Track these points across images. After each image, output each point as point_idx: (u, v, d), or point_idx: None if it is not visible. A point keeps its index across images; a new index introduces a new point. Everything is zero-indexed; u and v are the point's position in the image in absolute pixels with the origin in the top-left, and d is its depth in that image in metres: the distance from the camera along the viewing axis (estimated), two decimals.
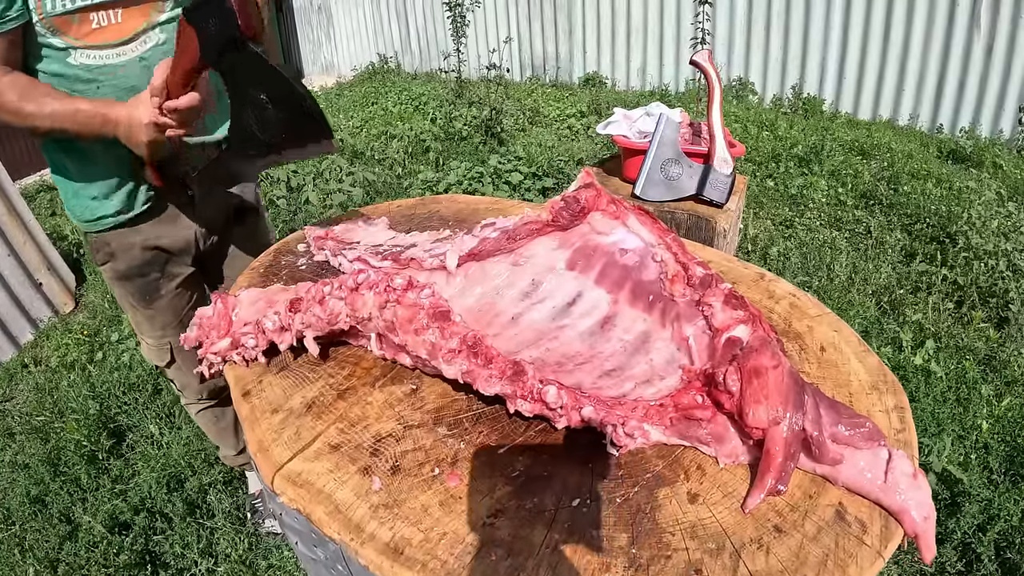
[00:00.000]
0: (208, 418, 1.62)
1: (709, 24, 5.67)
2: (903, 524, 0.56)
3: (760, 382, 0.57)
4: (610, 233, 0.83)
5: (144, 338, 1.46)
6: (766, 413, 0.55)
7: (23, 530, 1.85)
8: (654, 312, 0.69)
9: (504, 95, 5.49)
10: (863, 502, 0.58)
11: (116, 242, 1.29)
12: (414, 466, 0.61)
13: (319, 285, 0.75)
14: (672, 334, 0.67)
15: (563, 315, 0.72)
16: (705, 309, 0.66)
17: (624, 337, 0.68)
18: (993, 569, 1.56)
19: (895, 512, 0.56)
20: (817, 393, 0.60)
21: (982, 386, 2.08)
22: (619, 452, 0.60)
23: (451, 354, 0.60)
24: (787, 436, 0.55)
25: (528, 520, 0.53)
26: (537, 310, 0.72)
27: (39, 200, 4.90)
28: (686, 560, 0.50)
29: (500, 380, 0.59)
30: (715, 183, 1.66)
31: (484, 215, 1.16)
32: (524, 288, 0.74)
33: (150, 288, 1.36)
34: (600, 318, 0.70)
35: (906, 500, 0.56)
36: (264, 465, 0.65)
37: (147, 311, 1.39)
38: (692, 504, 0.55)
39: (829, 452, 0.57)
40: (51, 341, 2.94)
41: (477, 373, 0.60)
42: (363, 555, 0.53)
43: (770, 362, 0.57)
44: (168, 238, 1.32)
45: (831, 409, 0.59)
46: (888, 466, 0.58)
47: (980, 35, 4.55)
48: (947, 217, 3.16)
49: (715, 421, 0.58)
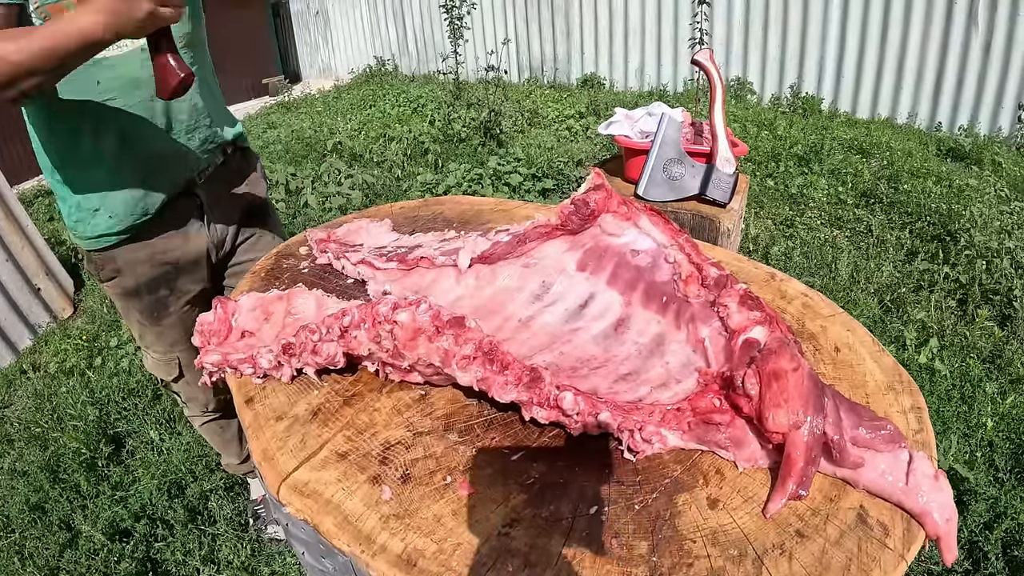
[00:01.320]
0: (213, 430, 1.58)
1: (707, 24, 5.68)
2: (925, 526, 0.55)
3: (780, 385, 0.55)
4: (621, 235, 0.82)
5: (149, 352, 1.38)
6: (786, 417, 0.54)
7: (23, 538, 1.83)
8: (668, 314, 0.68)
9: (502, 97, 5.48)
10: (884, 504, 0.56)
11: (123, 258, 1.21)
12: (425, 474, 0.59)
13: (307, 332, 0.70)
14: (687, 336, 0.66)
15: (576, 318, 0.70)
16: (721, 310, 0.65)
17: (639, 340, 0.67)
18: (1000, 567, 1.55)
19: (917, 514, 0.55)
20: (837, 396, 0.58)
21: (986, 384, 2.07)
22: (636, 458, 0.58)
23: (466, 361, 0.59)
24: (808, 440, 0.54)
25: (545, 529, 0.52)
26: (550, 312, 0.71)
27: (37, 205, 4.89)
28: (708, 568, 0.49)
29: (516, 387, 0.57)
30: (718, 182, 1.64)
31: (488, 216, 1.14)
32: (535, 290, 0.73)
33: (159, 305, 1.28)
34: (613, 320, 0.69)
35: (928, 502, 0.55)
36: (269, 474, 0.63)
37: (155, 328, 1.32)
38: (712, 510, 0.54)
39: (850, 456, 0.55)
40: (50, 347, 2.92)
41: (493, 380, 0.58)
42: (374, 567, 0.51)
43: (789, 365, 0.56)
44: (178, 252, 1.25)
45: (851, 412, 0.58)
46: (909, 468, 0.57)
47: (978, 32, 4.55)
48: (948, 215, 3.16)
49: (734, 425, 0.57)
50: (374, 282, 0.89)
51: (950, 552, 0.55)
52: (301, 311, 0.80)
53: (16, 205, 3.06)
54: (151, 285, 1.25)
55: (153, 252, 1.22)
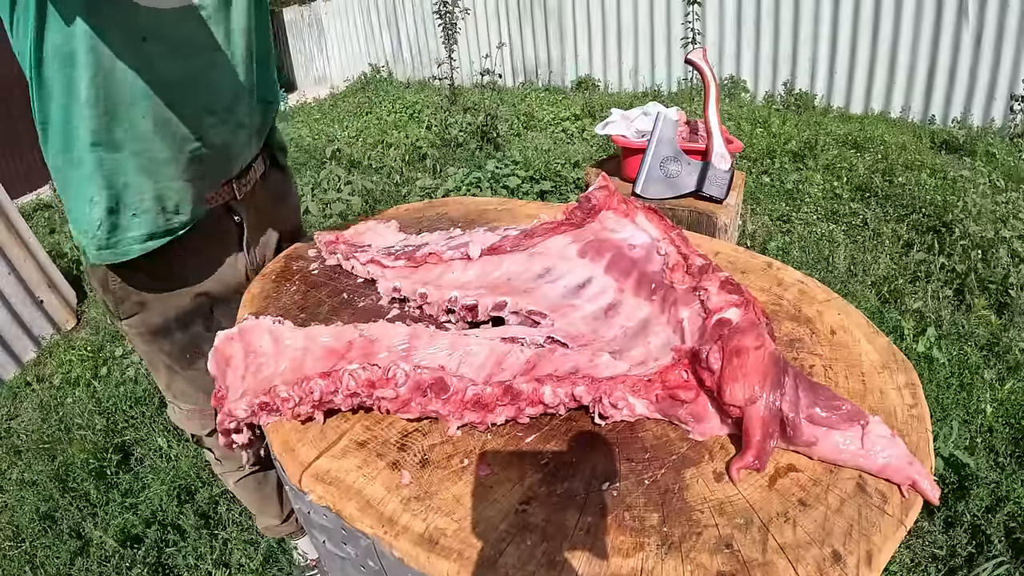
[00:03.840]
0: (250, 486, 1.38)
1: (699, 23, 5.73)
2: (895, 480, 0.57)
3: (740, 361, 0.58)
4: (620, 230, 0.87)
5: (177, 403, 1.19)
6: (743, 391, 0.57)
7: (33, 547, 1.84)
8: (655, 300, 0.73)
9: (498, 100, 5.52)
10: None
11: (149, 286, 1.04)
12: (443, 459, 0.62)
13: (280, 400, 0.68)
14: (669, 319, 0.71)
15: (573, 295, 0.76)
16: (701, 293, 0.70)
17: (626, 324, 0.72)
18: (1003, 549, 1.57)
19: (880, 472, 0.57)
20: (799, 376, 0.61)
21: (985, 371, 2.09)
22: (604, 423, 0.62)
23: (455, 416, 0.64)
24: (764, 415, 0.57)
25: (560, 505, 0.54)
26: (550, 287, 0.77)
27: (36, 218, 4.91)
28: (716, 536, 0.51)
29: (504, 409, 0.62)
30: (714, 179, 1.67)
31: (492, 215, 1.17)
32: (538, 271, 0.79)
33: (192, 344, 1.10)
34: (606, 304, 0.74)
35: (888, 457, 0.57)
36: (290, 465, 0.66)
37: (188, 372, 1.13)
38: (718, 483, 0.56)
39: (803, 434, 0.57)
40: (54, 358, 2.93)
41: (483, 417, 0.63)
42: (398, 547, 0.54)
43: (753, 343, 0.59)
44: (215, 280, 1.08)
45: (810, 391, 0.60)
46: (864, 433, 0.58)
47: (968, 24, 4.60)
48: (943, 206, 3.19)
49: (696, 401, 0.61)
50: (384, 280, 0.92)
51: (931, 490, 0.55)
52: (259, 348, 0.77)
53: (17, 218, 3.08)
54: (184, 320, 1.08)
55: (186, 279, 1.06)
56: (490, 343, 0.68)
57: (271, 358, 0.76)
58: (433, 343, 0.69)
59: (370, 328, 0.73)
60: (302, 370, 0.72)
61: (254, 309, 0.94)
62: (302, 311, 0.92)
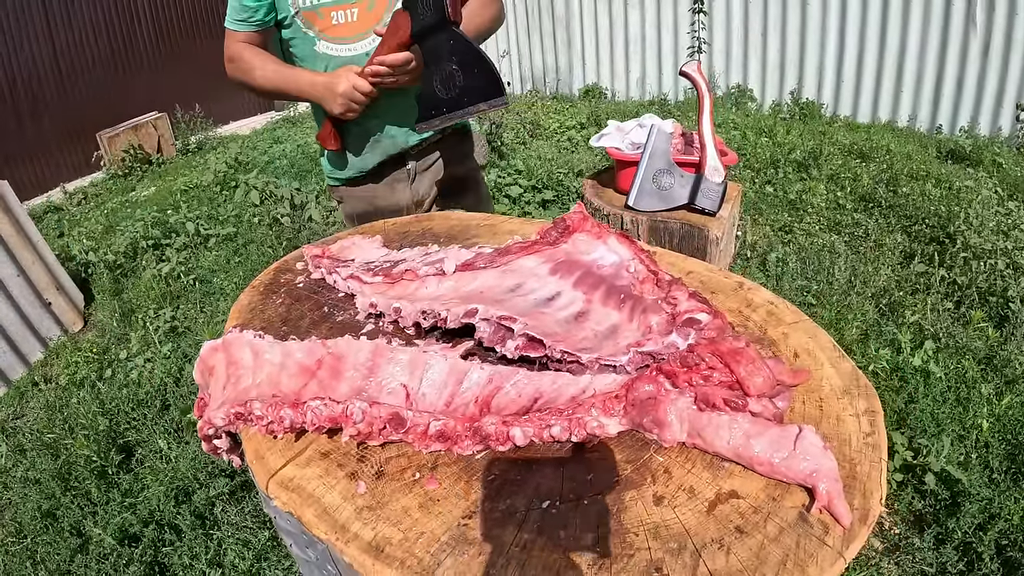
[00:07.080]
0: None
1: (706, 33, 5.74)
2: (809, 485, 0.58)
3: (745, 359, 0.65)
4: (591, 252, 0.90)
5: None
6: (763, 381, 0.64)
7: (34, 543, 1.89)
8: (624, 309, 0.77)
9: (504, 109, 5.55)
10: None
11: (345, 192, 1.66)
12: (397, 471, 0.64)
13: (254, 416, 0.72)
14: (638, 324, 0.74)
15: (544, 306, 0.80)
16: (670, 300, 0.73)
17: (596, 328, 0.76)
18: (994, 568, 1.56)
19: (803, 482, 0.58)
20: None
21: (982, 385, 2.08)
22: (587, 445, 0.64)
23: (420, 445, 0.67)
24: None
25: (500, 521, 0.57)
26: (522, 299, 0.80)
27: (46, 221, 5.01)
28: (648, 559, 0.53)
29: (472, 442, 0.65)
30: (707, 192, 1.68)
31: (475, 232, 1.20)
32: (510, 286, 0.82)
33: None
34: (575, 312, 0.78)
35: (818, 467, 0.58)
36: (259, 472, 0.69)
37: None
38: (657, 506, 0.58)
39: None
40: (60, 359, 3.00)
41: (452, 446, 0.66)
42: (348, 553, 0.57)
43: (737, 343, 0.65)
44: (382, 200, 1.63)
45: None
46: (797, 438, 0.60)
47: (977, 33, 4.57)
48: (946, 217, 3.17)
49: (658, 410, 0.64)
50: (361, 296, 0.95)
51: (844, 515, 0.56)
52: (240, 360, 0.81)
53: (27, 221, 3.15)
54: (360, 217, 1.65)
55: (364, 195, 1.64)
56: (449, 361, 0.71)
57: (250, 371, 0.80)
58: (395, 359, 0.72)
59: (336, 344, 0.76)
60: (278, 385, 0.76)
61: (240, 320, 0.98)
62: (284, 323, 0.95)
